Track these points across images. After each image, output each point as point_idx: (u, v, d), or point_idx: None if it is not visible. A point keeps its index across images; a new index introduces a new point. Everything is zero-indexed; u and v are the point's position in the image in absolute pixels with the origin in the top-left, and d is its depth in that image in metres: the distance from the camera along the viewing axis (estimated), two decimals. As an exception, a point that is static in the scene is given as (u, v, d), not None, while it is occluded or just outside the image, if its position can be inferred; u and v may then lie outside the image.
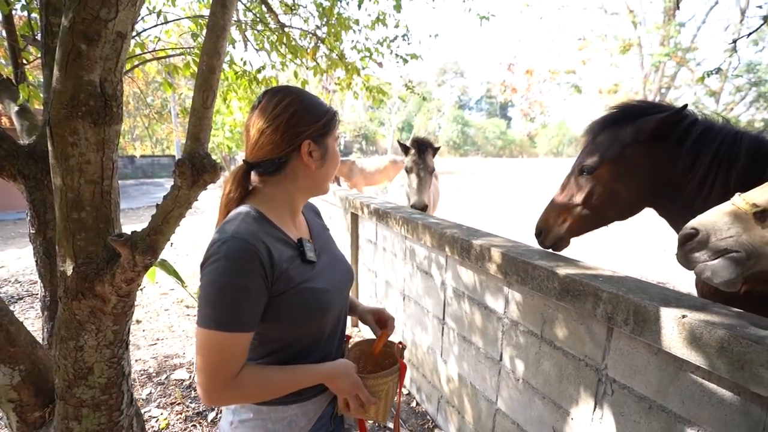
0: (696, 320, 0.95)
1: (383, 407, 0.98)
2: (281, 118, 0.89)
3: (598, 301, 1.19)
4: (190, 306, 4.01)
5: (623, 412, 1.19)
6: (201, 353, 0.79)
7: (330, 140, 0.96)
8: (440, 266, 2.18)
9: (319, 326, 0.94)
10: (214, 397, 0.81)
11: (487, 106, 60.26)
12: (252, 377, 0.83)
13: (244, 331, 0.80)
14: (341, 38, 3.28)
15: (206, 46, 1.13)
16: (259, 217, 0.89)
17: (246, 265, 0.79)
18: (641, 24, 13.49)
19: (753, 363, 0.85)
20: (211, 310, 0.78)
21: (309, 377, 0.90)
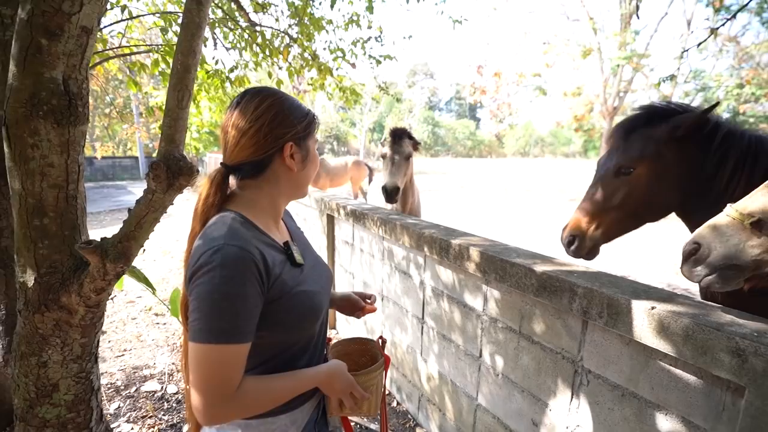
0: (664, 311, 1.01)
1: (374, 401, 1.02)
2: (263, 119, 0.85)
3: (573, 295, 1.24)
4: (159, 314, 3.84)
5: (598, 401, 1.25)
6: (199, 370, 0.74)
7: (311, 142, 0.94)
8: (419, 266, 2.20)
9: (311, 329, 0.94)
10: (216, 416, 0.77)
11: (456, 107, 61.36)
12: (253, 389, 0.80)
13: (243, 342, 0.77)
14: (314, 38, 3.25)
15: (181, 45, 1.10)
16: (245, 222, 0.85)
17: (243, 273, 0.76)
18: (601, 30, 14.18)
19: (714, 348, 0.92)
20: (208, 322, 0.74)
21: (307, 381, 0.89)
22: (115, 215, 9.95)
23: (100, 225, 8.55)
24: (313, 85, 3.59)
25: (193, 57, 1.12)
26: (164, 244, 6.63)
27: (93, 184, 17.00)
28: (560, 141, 54.71)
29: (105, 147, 11.96)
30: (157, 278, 4.89)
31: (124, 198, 13.07)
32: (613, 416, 1.21)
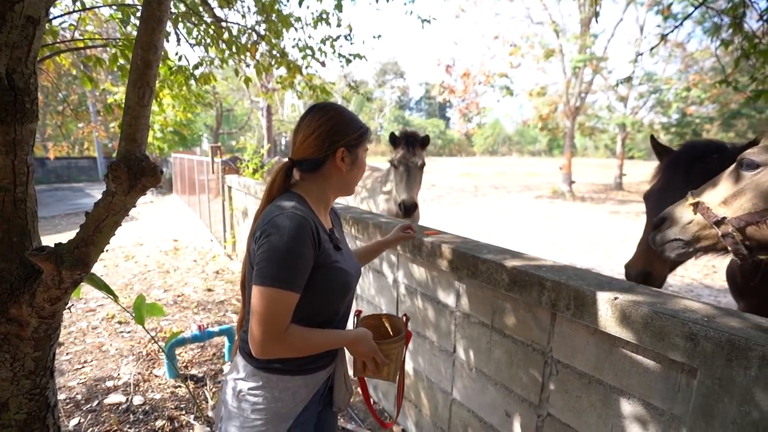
0: (625, 301, 1.07)
1: (393, 369, 1.17)
2: (325, 127, 1.07)
3: (542, 289, 1.28)
4: (123, 322, 3.66)
5: (567, 389, 1.30)
6: (260, 309, 0.92)
7: (360, 151, 1.13)
8: (392, 265, 2.21)
9: (338, 304, 1.11)
10: (267, 349, 0.94)
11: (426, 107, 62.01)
12: (297, 333, 0.97)
13: (297, 291, 0.95)
14: (282, 36, 3.19)
15: (141, 39, 1.04)
16: (304, 202, 1.06)
17: (304, 235, 0.95)
18: (563, 33, 14.73)
19: (670, 334, 0.98)
20: (273, 270, 0.91)
21: (338, 339, 1.08)
22: (72, 219, 9.38)
23: (55, 230, 8.04)
24: (282, 84, 3.52)
25: (154, 52, 1.07)
26: (126, 249, 6.32)
27: (46, 187, 15.93)
28: (527, 139, 56.50)
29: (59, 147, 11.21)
30: (120, 285, 4.65)
31: (81, 201, 12.33)
32: (581, 403, 1.26)
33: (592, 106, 18.76)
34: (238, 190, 5.27)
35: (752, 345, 0.84)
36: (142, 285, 4.69)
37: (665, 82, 16.59)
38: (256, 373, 1.05)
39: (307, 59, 3.41)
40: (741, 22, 2.83)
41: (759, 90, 2.80)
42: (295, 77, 3.34)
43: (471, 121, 16.82)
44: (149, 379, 2.75)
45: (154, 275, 5.05)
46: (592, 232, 8.47)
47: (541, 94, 16.16)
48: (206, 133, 26.22)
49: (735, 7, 2.84)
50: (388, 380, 1.20)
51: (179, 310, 3.93)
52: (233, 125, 30.59)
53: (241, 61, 3.25)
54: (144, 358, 3.03)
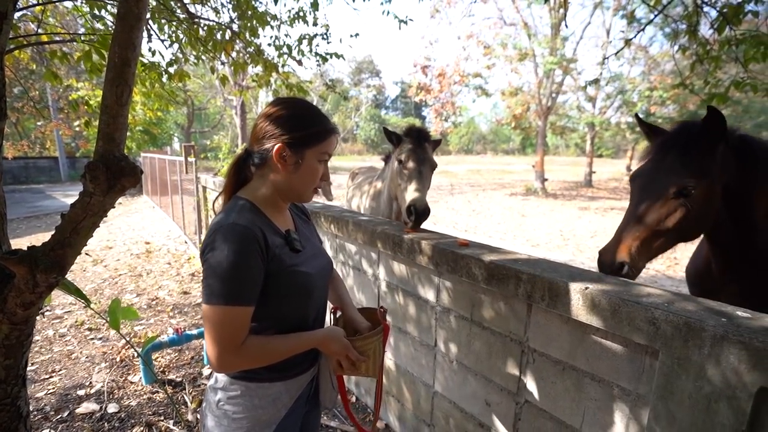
0: (595, 290, 1.14)
1: (372, 365, 1.13)
2: (271, 118, 1.01)
3: (519, 282, 1.34)
4: (93, 328, 3.52)
5: (543, 376, 1.37)
6: (211, 327, 0.90)
7: (309, 152, 1.02)
8: (372, 262, 2.24)
9: (303, 307, 1.07)
10: (224, 365, 0.93)
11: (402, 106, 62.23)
12: (256, 344, 0.95)
13: (246, 305, 0.92)
14: (258, 33, 3.15)
15: (118, 37, 1.03)
16: (253, 208, 1.01)
17: (247, 247, 0.91)
18: (534, 36, 15.15)
19: (636, 319, 1.05)
20: (216, 288, 0.89)
21: (305, 342, 1.04)
22: (32, 223, 8.91)
23: (14, 234, 7.61)
24: (258, 82, 3.47)
25: (133, 50, 1.05)
26: (95, 253, 6.07)
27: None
28: (500, 138, 57.70)
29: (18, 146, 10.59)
30: (88, 290, 4.47)
31: (41, 203, 11.69)
32: (556, 388, 1.33)
33: (563, 106, 19.39)
34: (214, 190, 5.16)
35: (705, 326, 0.92)
36: (113, 290, 4.52)
37: (630, 82, 17.36)
38: (234, 382, 1.03)
39: (283, 57, 3.38)
40: (695, 30, 3.02)
41: (712, 93, 3.00)
42: (271, 75, 3.30)
43: (447, 121, 17.02)
44: (124, 386, 2.67)
45: (126, 279, 4.89)
46: (564, 228, 8.77)
47: (514, 94, 16.57)
48: (177, 132, 25.42)
49: (690, 16, 3.02)
50: (368, 376, 1.17)
51: (154, 314, 3.82)
52: (205, 124, 29.78)
53: (215, 59, 3.19)
54: (118, 364, 2.94)
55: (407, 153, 2.24)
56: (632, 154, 20.58)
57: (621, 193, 15.26)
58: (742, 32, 2.82)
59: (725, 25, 2.73)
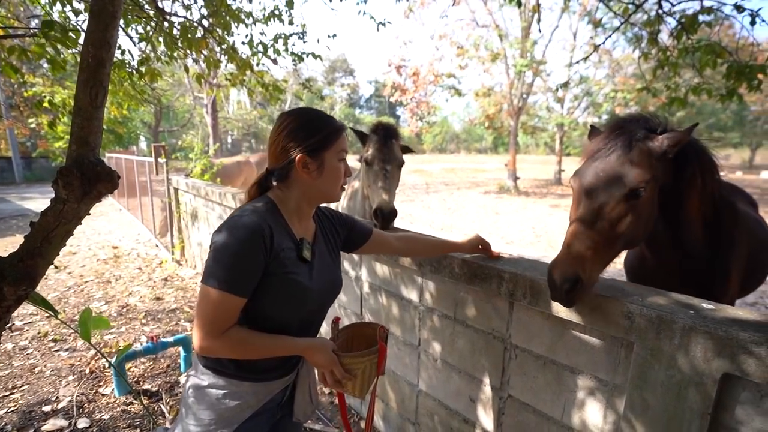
0: (574, 287, 1.18)
1: (359, 384, 1.09)
2: (281, 135, 1.05)
3: (501, 281, 1.38)
4: (58, 339, 3.34)
5: (525, 371, 1.41)
6: (201, 307, 0.94)
7: (327, 154, 1.06)
8: (355, 263, 2.24)
9: (291, 316, 1.06)
10: (204, 346, 0.95)
11: (377, 105, 62.26)
12: (239, 335, 0.97)
13: (239, 295, 0.94)
14: (231, 31, 3.08)
15: (92, 36, 0.99)
16: (273, 207, 1.05)
17: (253, 239, 0.94)
18: (506, 37, 15.52)
19: (613, 314, 1.11)
20: (218, 271, 0.92)
21: (290, 346, 1.04)
22: (-16, 229, 8.32)
23: (-35, 241, 7.09)
24: (231, 80, 3.39)
25: (108, 50, 1.01)
26: (57, 259, 5.74)
27: (-52, 192, 13.94)
28: (473, 138, 58.76)
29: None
30: (52, 299, 4.24)
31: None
32: (538, 382, 1.38)
33: (533, 106, 19.95)
34: (186, 192, 5.00)
35: (676, 318, 0.99)
36: (79, 298, 4.31)
37: (596, 84, 18.08)
38: (205, 372, 1.05)
39: (258, 56, 3.32)
40: (656, 37, 3.20)
41: (673, 97, 3.19)
42: (245, 74, 3.23)
43: (422, 120, 17.18)
44: (95, 399, 2.56)
45: (92, 286, 4.66)
46: (537, 225, 9.04)
47: (487, 95, 16.91)
48: (144, 131, 24.41)
49: (652, 23, 3.20)
50: (353, 395, 1.11)
51: (125, 322, 3.67)
52: (174, 122, 28.75)
53: (186, 56, 3.10)
54: (87, 376, 2.80)
55: (373, 152, 2.17)
56: (598, 153, 21.39)
57: (589, 191, 15.86)
58: (698, 41, 3.00)
59: (683, 34, 2.90)
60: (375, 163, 2.14)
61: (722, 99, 2.87)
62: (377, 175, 2.10)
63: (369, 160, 2.17)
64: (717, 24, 3.11)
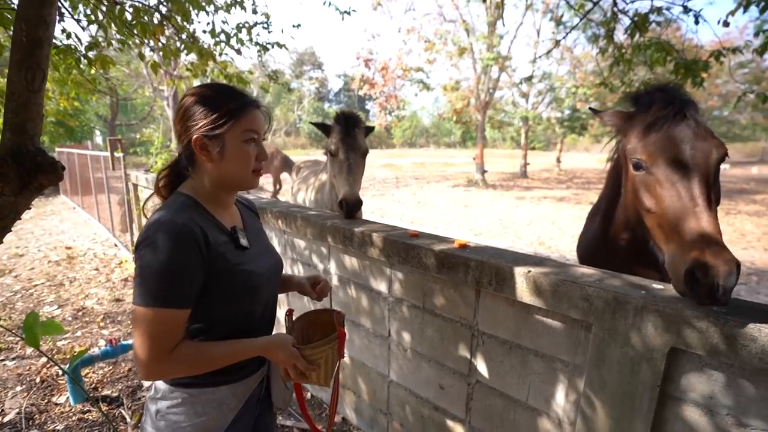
0: (537, 273, 1.22)
1: (324, 373, 1.06)
2: (181, 113, 0.95)
3: (468, 269, 1.40)
4: (4, 348, 3.10)
5: (492, 357, 1.45)
6: (139, 330, 0.84)
7: (229, 135, 0.94)
8: (323, 256, 2.21)
9: (249, 307, 1.01)
10: (152, 371, 0.86)
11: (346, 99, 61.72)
12: (189, 351, 0.88)
13: (179, 307, 0.86)
14: (191, 18, 2.93)
15: (25, 12, 0.91)
16: (192, 203, 0.95)
17: (182, 245, 0.85)
18: (472, 32, 15.74)
19: (573, 297, 1.15)
20: (147, 288, 0.83)
21: (246, 349, 0.96)
22: None
23: None
24: (193, 71, 3.24)
25: (45, 29, 0.93)
26: (0, 261, 5.33)
27: None
28: (442, 132, 59.47)
29: None
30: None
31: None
32: (504, 366, 1.42)
33: (500, 101, 20.42)
34: (147, 188, 4.76)
35: (629, 299, 1.04)
36: (27, 302, 4.02)
37: (558, 80, 18.73)
38: (175, 390, 0.96)
39: (220, 46, 3.18)
40: (612, 34, 3.35)
41: (628, 92, 3.35)
42: (207, 64, 3.10)
43: (391, 114, 17.20)
44: (48, 409, 2.40)
45: (43, 290, 4.36)
46: (504, 217, 9.29)
47: (455, 89, 17.13)
48: (99, 124, 23.02)
49: (608, 21, 3.34)
50: (319, 384, 1.10)
51: (81, 326, 3.46)
52: (132, 116, 27.27)
53: (142, 44, 2.92)
54: (38, 385, 2.63)
55: (336, 143, 2.18)
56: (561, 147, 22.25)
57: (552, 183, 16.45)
58: (649, 39, 3.17)
59: (636, 32, 3.05)
60: (339, 154, 2.15)
61: (671, 94, 3.04)
62: (341, 165, 2.13)
63: (333, 151, 2.19)
64: (666, 25, 3.30)
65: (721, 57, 2.88)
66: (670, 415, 1.04)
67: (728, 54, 2.90)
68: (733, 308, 0.95)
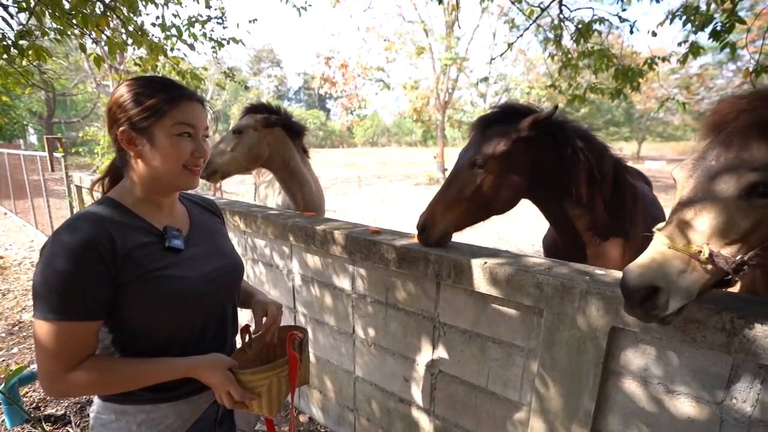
0: (493, 264, 1.29)
1: (267, 402, 0.93)
2: (108, 108, 0.90)
3: (428, 262, 1.45)
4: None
5: (453, 346, 1.51)
6: (37, 344, 0.79)
7: (157, 128, 0.87)
8: (285, 256, 2.19)
9: (179, 316, 0.90)
10: (53, 389, 0.81)
11: (306, 98, 60.79)
12: (96, 367, 0.82)
13: (81, 319, 0.79)
14: (138, 10, 2.78)
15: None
16: (114, 206, 0.89)
17: (80, 253, 0.78)
18: (431, 33, 16.06)
19: (525, 285, 1.22)
20: (44, 300, 0.77)
21: (164, 370, 0.86)
22: None
23: None
24: (142, 66, 3.07)
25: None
26: None
27: None
28: (403, 131, 60.11)
29: None
30: None
31: None
32: (464, 355, 1.48)
33: (459, 101, 20.99)
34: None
35: (575, 284, 1.12)
36: (-45, 317, 3.64)
37: (514, 81, 19.55)
38: (106, 406, 0.90)
39: (171, 40, 3.04)
40: (560, 40, 3.57)
41: (574, 94, 3.60)
42: (157, 59, 2.95)
43: (352, 113, 17.17)
44: None
45: (-28, 303, 3.97)
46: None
47: (415, 88, 17.40)
48: (33, 122, 21.13)
49: (556, 27, 3.56)
50: (262, 414, 0.95)
51: (18, 342, 3.19)
52: (73, 113, 25.29)
53: (83, 35, 2.73)
54: (-30, 406, 2.39)
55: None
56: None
57: (509, 181, 17.15)
58: (593, 46, 3.41)
59: (580, 38, 3.27)
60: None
61: (612, 97, 3.30)
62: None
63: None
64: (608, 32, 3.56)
65: (653, 64, 3.16)
66: (612, 389, 1.14)
67: (659, 61, 3.19)
68: (662, 289, 1.05)
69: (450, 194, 1.51)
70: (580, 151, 1.52)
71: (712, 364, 0.99)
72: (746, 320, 0.90)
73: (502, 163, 1.50)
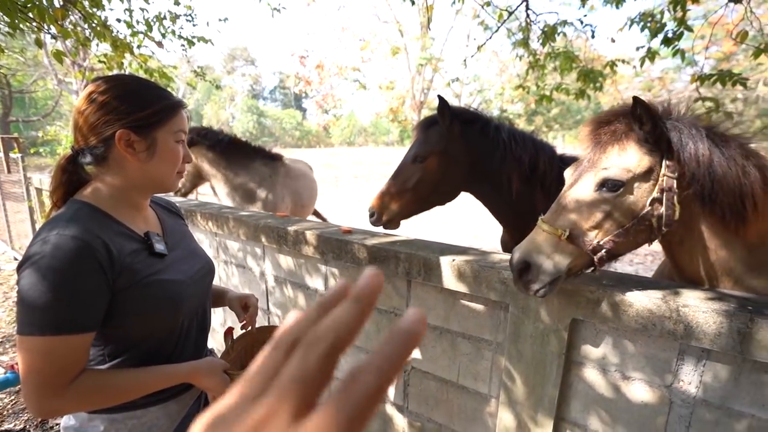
0: (460, 261, 1.32)
1: None
2: (98, 102, 0.83)
3: (398, 261, 1.47)
4: None
5: (425, 343, 1.54)
6: (26, 363, 0.73)
7: (160, 133, 0.88)
8: (257, 257, 2.17)
9: (172, 319, 0.91)
10: (45, 409, 0.75)
11: (281, 97, 59.97)
12: (91, 383, 0.78)
13: (76, 333, 0.75)
14: (102, 4, 2.68)
15: None
16: (93, 211, 0.84)
17: (75, 263, 0.74)
18: (407, 33, 16.20)
19: (491, 281, 1.26)
20: (34, 314, 0.72)
21: (165, 378, 0.86)
22: None
23: None
24: (107, 63, 2.96)
25: None
26: None
27: None
28: (380, 131, 60.24)
29: None
30: None
31: None
32: (435, 351, 1.51)
33: (434, 101, 21.23)
34: (51, 193, 4.26)
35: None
36: None
37: (487, 82, 19.95)
38: (94, 417, 0.87)
39: (138, 36, 2.94)
40: (527, 42, 3.69)
41: (542, 95, 3.73)
42: (124, 57, 2.85)
43: (327, 113, 17.08)
44: None
45: None
46: (440, 213, 9.69)
47: (391, 88, 17.49)
48: (-14, 120, 19.92)
49: (523, 30, 3.68)
50: None
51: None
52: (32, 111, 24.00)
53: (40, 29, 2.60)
54: None
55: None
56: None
57: (484, 180, 17.52)
58: (558, 48, 3.55)
59: (546, 41, 3.39)
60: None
61: (576, 97, 3.44)
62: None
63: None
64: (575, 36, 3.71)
65: (614, 66, 3.32)
66: (574, 378, 1.20)
67: (620, 64, 3.35)
68: (616, 280, 1.11)
69: (395, 186, 1.75)
70: (509, 150, 1.65)
71: (662, 351, 1.05)
72: (690, 308, 0.97)
73: (439, 159, 1.69)
